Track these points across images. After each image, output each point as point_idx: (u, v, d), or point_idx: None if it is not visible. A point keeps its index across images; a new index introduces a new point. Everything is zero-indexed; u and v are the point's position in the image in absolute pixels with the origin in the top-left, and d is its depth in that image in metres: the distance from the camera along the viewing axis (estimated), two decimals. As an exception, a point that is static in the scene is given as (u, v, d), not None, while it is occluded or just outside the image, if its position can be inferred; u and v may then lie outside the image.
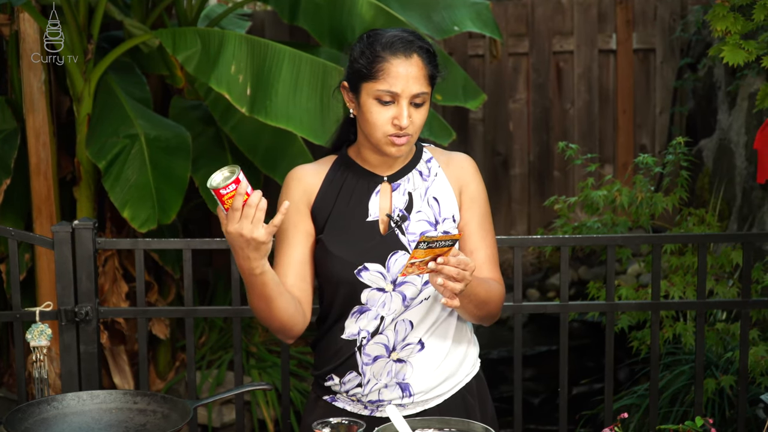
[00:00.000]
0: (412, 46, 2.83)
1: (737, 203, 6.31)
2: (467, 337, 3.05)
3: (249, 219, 2.61)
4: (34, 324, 3.95)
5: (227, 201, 2.60)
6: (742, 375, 4.23)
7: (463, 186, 3.00)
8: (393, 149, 2.85)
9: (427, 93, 2.84)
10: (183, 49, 5.23)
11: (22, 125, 5.75)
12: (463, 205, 2.99)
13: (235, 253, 2.68)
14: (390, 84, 2.80)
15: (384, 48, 2.83)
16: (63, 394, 2.97)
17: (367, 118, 2.85)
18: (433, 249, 2.63)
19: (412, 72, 2.81)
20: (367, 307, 2.90)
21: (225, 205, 2.61)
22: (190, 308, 4.17)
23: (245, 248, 2.65)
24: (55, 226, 4.03)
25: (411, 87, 2.81)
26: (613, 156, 8.00)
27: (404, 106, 2.81)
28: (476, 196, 3.00)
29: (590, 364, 6.66)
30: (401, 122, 2.80)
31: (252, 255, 2.67)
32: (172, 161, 5.50)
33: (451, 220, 2.96)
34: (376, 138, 2.85)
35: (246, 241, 2.63)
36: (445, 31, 6.00)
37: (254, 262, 2.68)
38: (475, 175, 3.02)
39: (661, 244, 4.51)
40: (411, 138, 2.85)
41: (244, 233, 2.61)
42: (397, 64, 2.81)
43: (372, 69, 2.82)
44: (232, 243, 2.65)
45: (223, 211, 2.62)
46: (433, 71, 2.86)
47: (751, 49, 4.08)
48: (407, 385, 2.93)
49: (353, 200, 2.92)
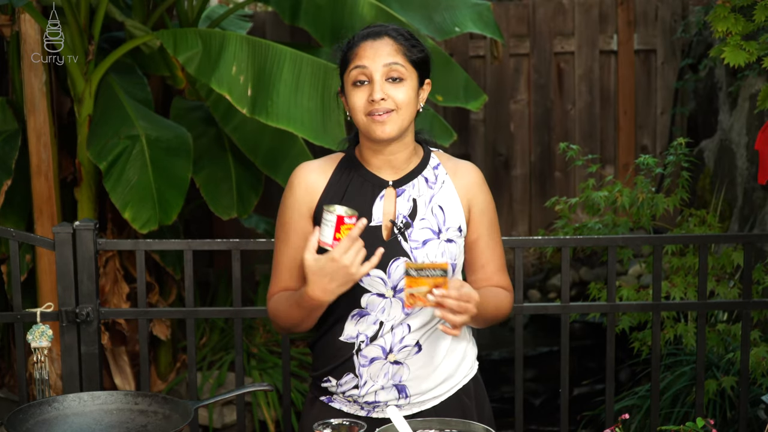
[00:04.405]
0: (381, 31, 2.88)
1: (738, 204, 6.31)
2: (466, 338, 3.05)
3: (357, 253, 2.67)
4: (35, 325, 3.94)
5: (344, 230, 2.65)
6: (743, 376, 4.22)
7: (472, 199, 2.99)
8: (377, 128, 2.83)
9: (403, 66, 2.84)
10: (184, 50, 5.22)
11: (23, 126, 5.75)
12: (473, 219, 2.99)
13: (317, 284, 2.72)
14: (359, 60, 2.84)
15: (356, 38, 2.89)
16: (64, 395, 2.97)
17: (350, 105, 2.87)
18: (426, 278, 2.66)
19: (382, 48, 2.84)
20: (367, 312, 2.90)
21: (339, 233, 2.65)
22: (191, 309, 4.16)
23: (335, 280, 2.70)
24: (56, 227, 4.04)
25: (381, 59, 2.82)
26: (614, 157, 8.00)
27: (377, 81, 2.81)
28: (485, 208, 3.01)
29: (591, 365, 6.68)
30: (374, 95, 2.80)
31: (336, 289, 2.72)
32: (173, 162, 5.49)
33: (455, 230, 2.95)
34: (360, 123, 2.86)
35: (346, 273, 2.68)
36: (446, 32, 5.99)
37: (331, 296, 2.74)
38: (482, 186, 3.03)
39: (662, 245, 4.50)
40: (395, 116, 2.83)
41: (351, 266, 2.67)
42: (365, 45, 2.86)
43: (346, 57, 2.88)
44: (322, 271, 2.69)
45: (329, 237, 2.67)
46: (409, 50, 2.87)
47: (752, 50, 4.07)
48: (404, 387, 2.93)
49: (357, 203, 2.89)
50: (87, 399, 2.97)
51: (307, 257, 2.70)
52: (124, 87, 5.89)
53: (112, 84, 5.76)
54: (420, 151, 3.01)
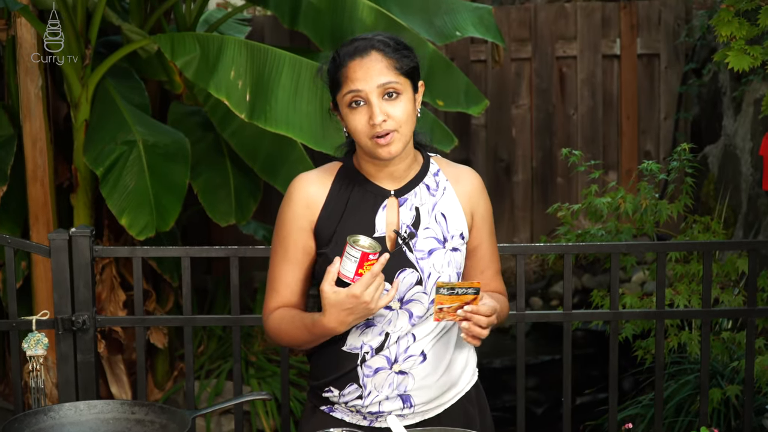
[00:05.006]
0: (368, 46, 2.81)
1: (743, 210, 6.31)
2: (467, 345, 3.03)
3: (377, 289, 2.68)
4: (31, 333, 3.95)
5: (367, 266, 2.66)
6: (748, 384, 4.22)
7: (474, 206, 2.99)
8: (383, 151, 2.79)
9: (397, 82, 2.79)
10: (182, 55, 5.20)
11: (18, 131, 5.74)
12: (475, 226, 2.99)
13: (334, 316, 2.71)
14: (352, 84, 2.78)
15: (343, 56, 2.83)
16: (60, 404, 2.98)
17: (349, 128, 2.83)
18: (458, 296, 2.68)
19: (372, 66, 2.78)
20: (373, 323, 2.87)
21: (362, 268, 2.65)
22: (188, 317, 4.16)
23: (353, 314, 2.70)
24: (52, 233, 4.03)
25: (374, 80, 2.77)
26: (617, 162, 7.99)
27: (375, 103, 2.77)
28: (486, 215, 3.02)
29: (594, 374, 6.67)
30: (375, 119, 2.76)
31: (352, 322, 2.72)
32: (170, 168, 5.49)
33: (459, 237, 2.94)
34: (364, 145, 2.82)
35: (365, 308, 2.68)
36: (447, 36, 5.97)
37: (346, 327, 2.74)
38: (483, 192, 3.02)
39: (666, 252, 4.49)
40: (397, 134, 2.79)
41: (370, 302, 2.68)
42: (354, 65, 2.79)
43: (336, 79, 2.83)
44: (341, 305, 2.69)
45: (351, 272, 2.67)
46: (399, 62, 2.81)
47: (757, 54, 4.11)
48: (408, 397, 2.90)
49: (360, 215, 2.88)
50: (83, 408, 2.98)
51: (326, 288, 2.69)
52: (121, 92, 5.88)
53: (108, 89, 5.75)
54: (419, 157, 2.98)
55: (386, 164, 2.88)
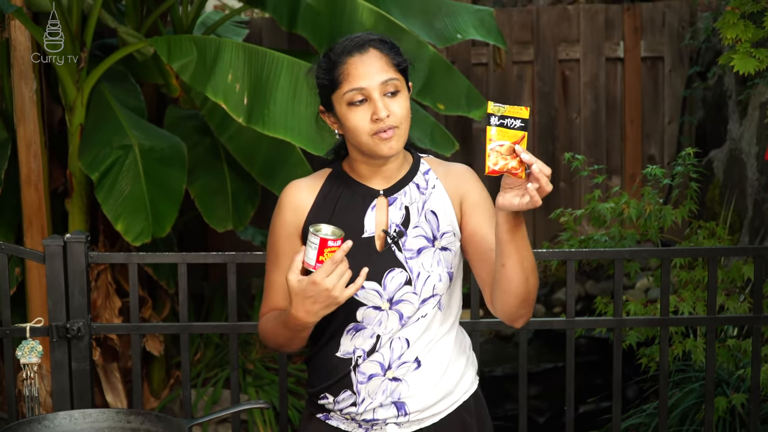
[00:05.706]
0: (365, 43, 2.82)
1: (749, 215, 6.31)
2: (465, 353, 3.01)
3: (340, 277, 2.64)
4: (25, 340, 3.95)
5: (327, 253, 2.64)
6: (754, 393, 4.21)
7: (463, 195, 2.95)
8: (384, 147, 2.78)
9: (397, 79, 2.80)
10: (178, 58, 5.20)
11: (12, 135, 5.73)
12: (466, 213, 2.94)
13: (300, 305, 2.69)
14: (354, 82, 2.78)
15: (339, 54, 2.82)
16: (54, 413, 2.99)
17: (348, 126, 2.81)
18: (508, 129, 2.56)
19: (373, 63, 2.79)
20: (363, 325, 2.87)
21: (323, 255, 2.64)
22: (185, 324, 4.15)
23: (318, 302, 2.68)
24: (46, 239, 4.02)
25: (376, 77, 2.78)
26: (620, 167, 7.97)
27: (377, 99, 2.77)
28: (479, 200, 2.96)
29: (598, 382, 6.68)
30: (379, 114, 2.75)
31: (319, 311, 2.69)
32: (167, 172, 5.49)
33: (450, 235, 2.91)
34: (364, 143, 2.80)
35: (328, 296, 2.65)
36: (448, 39, 5.98)
37: (314, 317, 2.71)
38: (474, 182, 2.98)
39: (671, 258, 4.52)
40: (399, 130, 2.79)
41: (333, 289, 2.65)
42: (354, 62, 2.79)
43: (334, 77, 2.82)
44: (304, 293, 2.67)
45: (312, 259, 2.65)
46: (397, 59, 2.83)
47: (762, 57, 4.19)
48: (402, 404, 2.88)
49: (348, 216, 2.88)
50: (78, 417, 3.00)
51: (290, 278, 2.69)
52: (117, 95, 5.88)
53: (104, 92, 5.75)
54: (409, 157, 2.98)
55: (380, 164, 2.88)
